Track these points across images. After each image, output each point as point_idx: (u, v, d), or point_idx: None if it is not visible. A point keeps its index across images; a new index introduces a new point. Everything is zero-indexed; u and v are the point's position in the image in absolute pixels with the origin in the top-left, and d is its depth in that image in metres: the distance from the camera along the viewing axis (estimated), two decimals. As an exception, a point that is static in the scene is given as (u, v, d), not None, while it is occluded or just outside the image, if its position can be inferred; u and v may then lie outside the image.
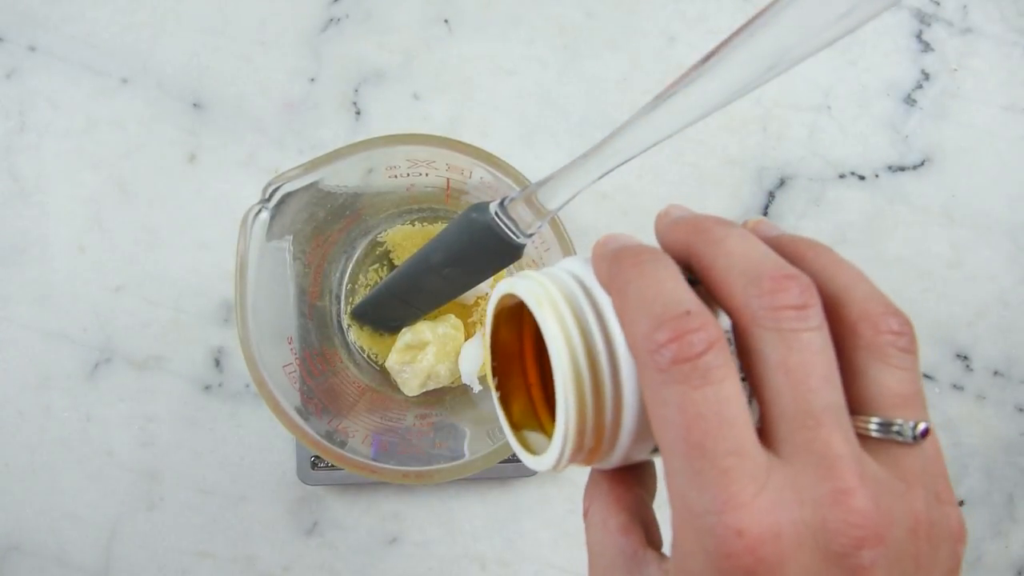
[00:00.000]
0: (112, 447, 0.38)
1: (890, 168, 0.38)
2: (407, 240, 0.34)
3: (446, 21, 0.39)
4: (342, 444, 0.27)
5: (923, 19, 0.39)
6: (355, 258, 0.34)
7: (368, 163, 0.28)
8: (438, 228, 0.34)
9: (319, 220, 0.30)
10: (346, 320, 0.34)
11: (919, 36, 0.39)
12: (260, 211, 0.26)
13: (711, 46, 0.17)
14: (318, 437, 0.26)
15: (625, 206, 0.38)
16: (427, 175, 0.29)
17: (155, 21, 0.38)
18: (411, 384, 0.32)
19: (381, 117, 0.38)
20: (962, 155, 0.38)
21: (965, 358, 0.38)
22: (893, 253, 0.38)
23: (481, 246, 0.25)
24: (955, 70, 0.39)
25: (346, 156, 0.26)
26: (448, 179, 0.29)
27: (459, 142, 0.26)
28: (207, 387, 0.38)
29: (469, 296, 0.34)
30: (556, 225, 0.26)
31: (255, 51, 0.38)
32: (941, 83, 0.39)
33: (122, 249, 0.38)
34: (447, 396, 0.33)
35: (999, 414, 0.38)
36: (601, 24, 0.38)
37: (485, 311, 0.34)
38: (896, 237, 0.38)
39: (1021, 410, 0.38)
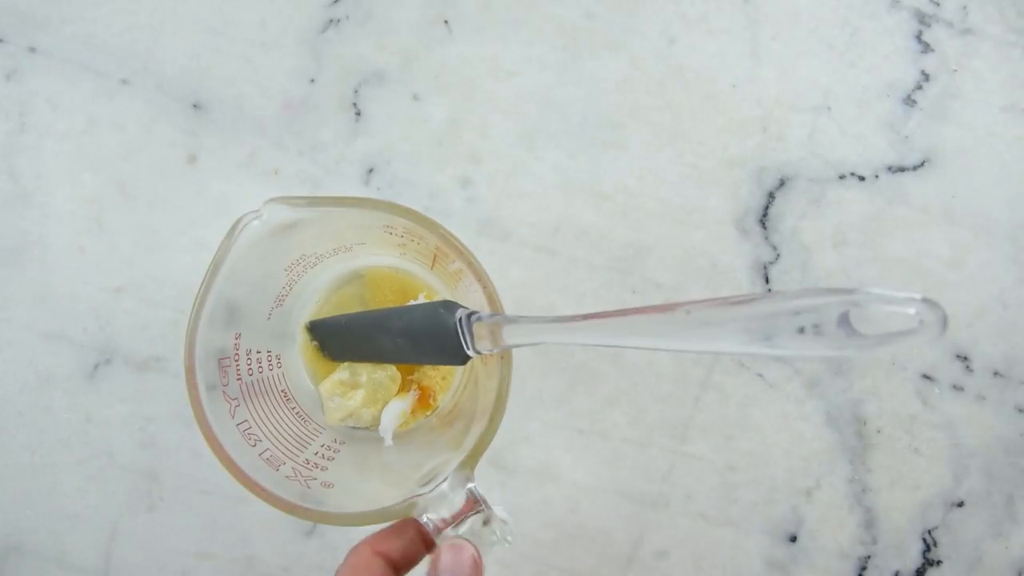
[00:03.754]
0: (112, 448, 0.38)
1: (890, 169, 0.38)
2: (384, 281, 0.35)
3: (446, 22, 0.39)
4: (235, 442, 0.27)
5: (923, 20, 0.39)
6: (331, 278, 0.35)
7: (369, 219, 0.29)
8: (416, 282, 0.35)
9: (307, 237, 0.30)
10: (301, 331, 0.34)
11: (919, 37, 0.39)
12: (252, 220, 0.27)
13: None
14: (213, 421, 0.27)
15: (625, 207, 0.38)
16: (418, 243, 0.30)
17: (155, 22, 0.38)
18: (333, 414, 0.33)
19: (381, 118, 0.38)
20: (962, 155, 0.38)
21: (965, 358, 0.38)
22: (893, 253, 0.38)
23: (436, 340, 0.27)
24: (955, 71, 0.39)
25: (351, 207, 0.27)
26: (436, 255, 0.30)
27: (454, 239, 0.27)
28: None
29: None
30: (506, 359, 0.27)
31: (255, 52, 0.38)
32: (941, 84, 0.39)
33: (122, 250, 0.38)
34: (360, 436, 0.34)
35: (999, 415, 0.38)
36: (601, 25, 0.38)
37: (425, 372, 0.34)
38: (896, 237, 0.38)
39: (1021, 411, 0.38)
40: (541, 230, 0.38)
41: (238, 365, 0.30)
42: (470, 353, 0.27)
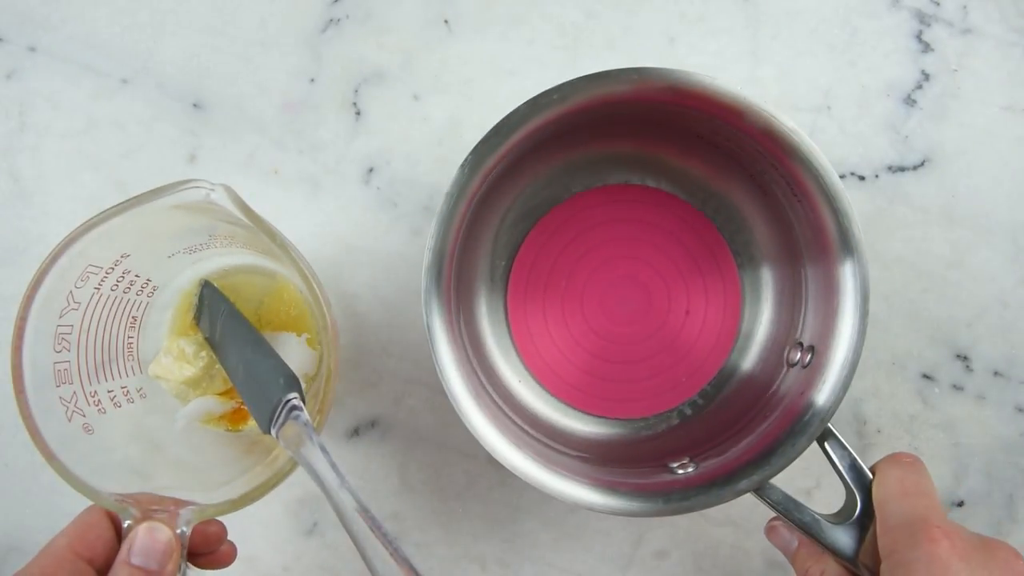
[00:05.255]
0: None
1: (890, 168, 0.38)
2: (289, 298, 0.35)
3: (446, 21, 0.39)
4: (42, 331, 0.27)
5: (923, 19, 0.39)
6: (249, 262, 0.36)
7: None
8: (308, 323, 0.35)
9: (243, 230, 0.31)
10: (195, 282, 0.34)
11: (919, 36, 0.39)
12: (199, 187, 0.28)
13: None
14: (37, 304, 0.27)
15: (625, 206, 0.38)
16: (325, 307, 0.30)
17: (155, 21, 0.38)
18: (157, 368, 0.32)
19: (381, 117, 0.38)
20: (962, 155, 0.38)
21: (965, 358, 0.38)
22: (893, 253, 0.38)
23: (257, 395, 0.28)
24: (955, 70, 0.39)
25: (277, 252, 0.27)
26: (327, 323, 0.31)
27: (330, 328, 0.28)
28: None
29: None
30: (291, 466, 0.28)
31: (255, 51, 0.38)
32: (941, 83, 0.39)
33: (122, 249, 0.38)
34: (159, 404, 0.33)
35: (999, 414, 0.38)
36: (601, 24, 0.38)
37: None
38: (896, 237, 0.38)
39: (1021, 410, 0.38)
40: (541, 230, 0.38)
41: (105, 278, 0.29)
42: (270, 432, 0.27)
